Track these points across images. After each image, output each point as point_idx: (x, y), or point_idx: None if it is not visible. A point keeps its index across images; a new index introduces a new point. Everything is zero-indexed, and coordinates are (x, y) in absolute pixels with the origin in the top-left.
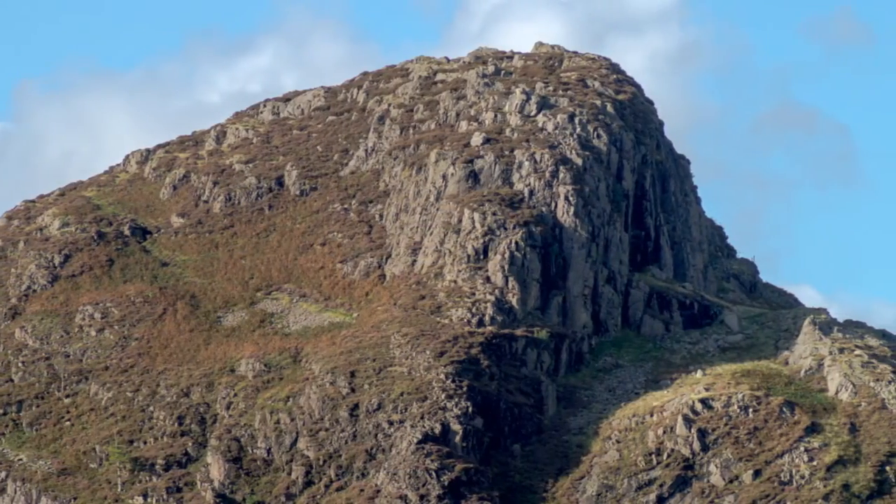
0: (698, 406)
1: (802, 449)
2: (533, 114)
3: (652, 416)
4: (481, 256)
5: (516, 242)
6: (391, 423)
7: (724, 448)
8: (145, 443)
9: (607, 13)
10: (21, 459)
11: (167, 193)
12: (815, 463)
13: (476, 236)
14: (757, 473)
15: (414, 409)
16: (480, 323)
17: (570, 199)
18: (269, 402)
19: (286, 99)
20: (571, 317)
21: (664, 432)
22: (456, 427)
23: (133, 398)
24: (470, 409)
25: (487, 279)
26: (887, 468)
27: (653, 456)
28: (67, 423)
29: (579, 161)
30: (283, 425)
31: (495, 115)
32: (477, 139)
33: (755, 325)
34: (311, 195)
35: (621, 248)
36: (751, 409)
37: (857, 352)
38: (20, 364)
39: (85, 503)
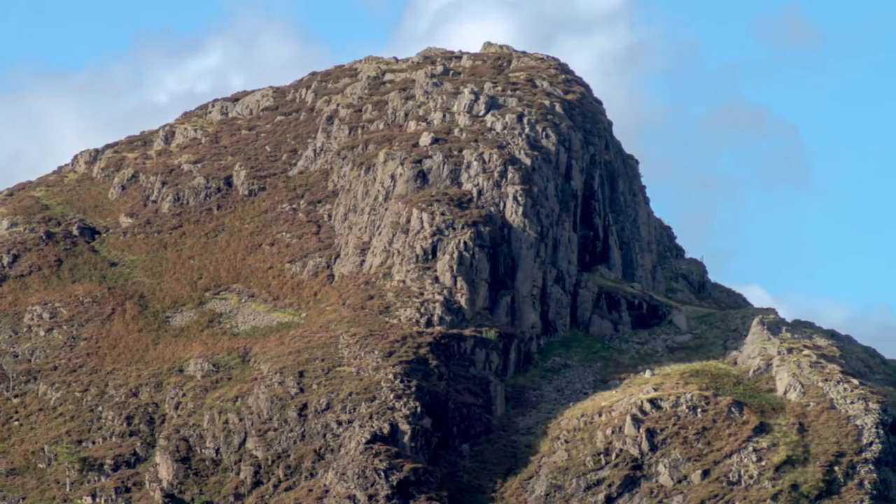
0: (647, 406)
1: (751, 449)
2: (481, 114)
3: (600, 416)
4: (430, 256)
5: (465, 242)
6: (340, 423)
7: (672, 448)
8: (94, 443)
9: (556, 13)
10: None
11: (116, 193)
12: (763, 463)
13: (424, 236)
14: (705, 473)
15: (362, 409)
16: (429, 323)
17: (519, 199)
18: (218, 402)
19: (235, 99)
20: (520, 317)
21: (613, 432)
22: (404, 427)
23: (82, 398)
24: (418, 409)
25: (436, 279)
26: (836, 468)
27: (601, 456)
28: (16, 423)
29: (528, 161)
30: (232, 425)
31: (444, 115)
32: (425, 139)
33: (704, 325)
34: (259, 195)
35: (570, 248)
36: (699, 410)
37: (806, 352)
38: None
39: (33, 503)
